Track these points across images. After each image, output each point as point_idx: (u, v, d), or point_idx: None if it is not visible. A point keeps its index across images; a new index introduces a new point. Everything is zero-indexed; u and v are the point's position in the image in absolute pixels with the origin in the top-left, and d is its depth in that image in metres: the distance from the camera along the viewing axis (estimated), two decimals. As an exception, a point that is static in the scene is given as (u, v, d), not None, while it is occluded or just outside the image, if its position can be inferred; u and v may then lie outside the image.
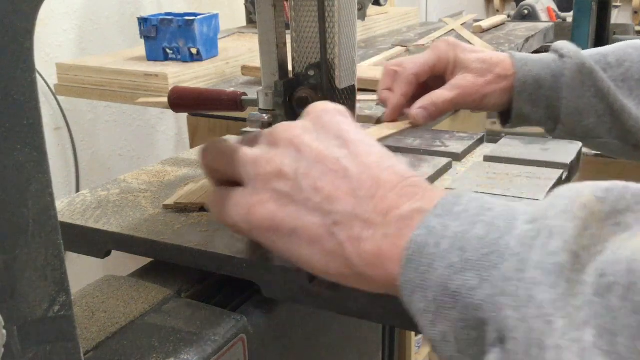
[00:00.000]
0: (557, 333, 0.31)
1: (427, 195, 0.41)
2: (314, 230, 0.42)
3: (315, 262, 0.43)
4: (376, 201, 0.41)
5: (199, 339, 0.46)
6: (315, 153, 0.43)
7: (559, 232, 0.33)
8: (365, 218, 0.41)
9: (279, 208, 0.43)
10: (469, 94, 0.77)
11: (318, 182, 0.42)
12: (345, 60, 0.61)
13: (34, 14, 0.28)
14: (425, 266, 0.37)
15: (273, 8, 0.61)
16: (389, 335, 0.88)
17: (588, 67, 0.75)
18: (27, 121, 0.29)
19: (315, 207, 0.42)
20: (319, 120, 0.46)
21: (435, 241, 0.37)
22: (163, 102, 0.74)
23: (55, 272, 0.31)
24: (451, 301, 0.36)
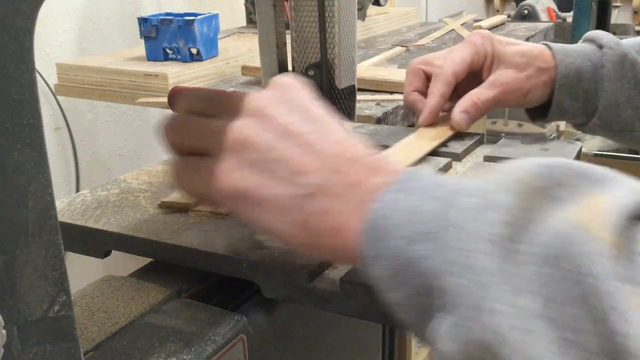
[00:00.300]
0: (498, 298, 0.33)
1: (386, 171, 0.43)
2: (282, 201, 0.43)
3: (283, 232, 0.44)
4: (342, 175, 0.43)
5: (199, 339, 0.46)
6: (284, 126, 0.44)
7: (498, 205, 0.35)
8: (332, 192, 0.42)
9: (248, 176, 0.43)
10: (511, 90, 0.73)
11: (287, 155, 0.43)
12: (345, 60, 0.61)
13: (34, 14, 0.28)
14: (382, 237, 0.40)
15: (273, 8, 0.61)
16: (389, 335, 0.88)
17: (630, 59, 0.72)
18: (27, 121, 0.29)
19: (284, 179, 0.43)
20: (286, 94, 0.46)
21: (391, 214, 0.40)
22: (163, 102, 0.74)
23: (55, 272, 0.31)
24: (405, 270, 0.38)
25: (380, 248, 0.40)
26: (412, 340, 1.46)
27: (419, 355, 1.63)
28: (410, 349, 1.43)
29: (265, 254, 0.51)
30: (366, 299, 0.46)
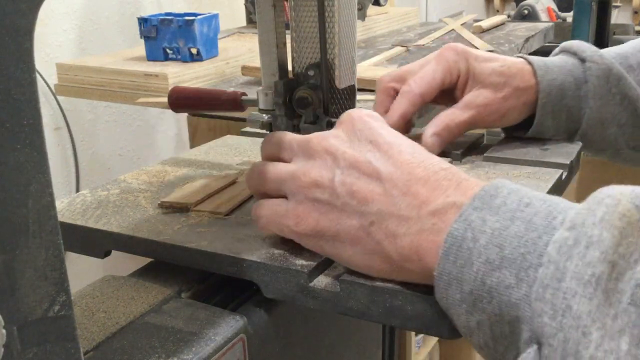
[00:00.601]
0: (592, 344, 0.32)
1: (461, 187, 0.42)
2: (353, 233, 0.45)
3: (359, 262, 0.46)
4: (409, 197, 0.43)
5: (199, 339, 0.46)
6: (349, 159, 0.46)
7: (597, 242, 0.34)
8: (399, 215, 0.43)
9: (320, 216, 0.46)
10: (487, 112, 0.67)
11: (353, 187, 0.45)
12: (345, 60, 0.61)
13: (34, 13, 0.28)
14: (462, 260, 0.39)
15: (273, 8, 0.61)
16: (389, 335, 0.88)
17: (616, 73, 0.67)
18: (27, 121, 0.29)
19: (353, 211, 0.45)
20: (352, 127, 0.48)
21: (473, 235, 0.39)
22: (163, 102, 0.74)
23: (55, 272, 0.31)
24: (487, 296, 0.38)
25: (459, 272, 0.39)
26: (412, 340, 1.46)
27: (419, 355, 1.64)
28: (410, 349, 1.43)
29: (265, 254, 0.51)
30: (366, 299, 0.46)
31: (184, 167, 0.74)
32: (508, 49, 1.48)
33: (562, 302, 0.33)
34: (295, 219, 0.47)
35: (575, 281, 0.33)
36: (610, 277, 0.33)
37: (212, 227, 0.56)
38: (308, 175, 0.47)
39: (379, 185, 0.44)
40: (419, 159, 0.45)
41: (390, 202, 0.43)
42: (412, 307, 0.44)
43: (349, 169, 0.46)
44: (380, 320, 0.46)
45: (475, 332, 0.39)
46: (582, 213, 0.36)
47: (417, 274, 0.43)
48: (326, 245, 0.47)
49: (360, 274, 0.47)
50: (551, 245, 0.35)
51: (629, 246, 0.34)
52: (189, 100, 0.72)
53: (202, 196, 0.62)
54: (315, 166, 0.47)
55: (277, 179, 0.49)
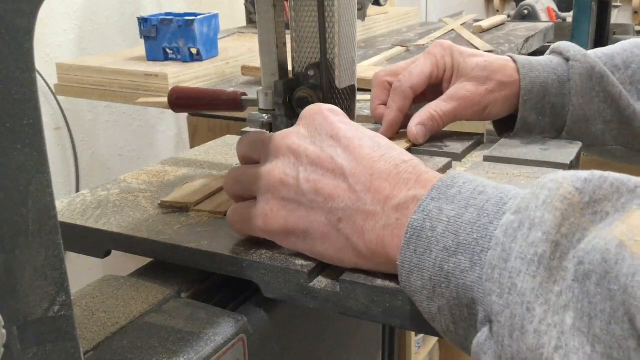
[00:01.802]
0: (536, 319, 0.34)
1: (421, 180, 0.44)
2: (322, 229, 0.46)
3: (331, 256, 0.47)
4: (373, 192, 0.45)
5: (199, 339, 0.46)
6: (312, 156, 0.47)
7: (540, 223, 0.36)
8: (366, 210, 0.44)
9: (289, 213, 0.48)
10: (469, 104, 0.71)
11: (318, 184, 0.46)
12: (345, 60, 0.61)
13: (34, 13, 0.28)
14: (422, 248, 0.41)
15: (273, 8, 0.61)
16: (389, 335, 0.88)
17: (598, 72, 0.70)
18: (27, 121, 0.29)
19: (320, 207, 0.46)
20: (312, 123, 0.49)
21: (431, 225, 0.41)
22: (163, 102, 0.74)
23: (55, 272, 0.31)
24: (445, 281, 0.39)
25: (419, 259, 0.41)
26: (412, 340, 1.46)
27: (419, 355, 1.63)
28: (410, 349, 1.43)
29: (265, 254, 0.51)
30: (366, 299, 0.46)
31: (184, 167, 0.74)
32: (508, 49, 1.48)
33: (508, 281, 0.35)
34: (263, 218, 0.49)
35: (520, 260, 0.35)
36: (554, 256, 0.35)
37: (212, 227, 0.56)
38: (272, 175, 0.48)
39: (344, 182, 0.45)
40: (380, 152, 0.46)
41: (356, 197, 0.45)
42: (412, 307, 0.44)
43: (313, 166, 0.47)
44: (380, 320, 0.46)
45: (437, 318, 0.41)
46: (527, 197, 0.37)
47: (385, 265, 0.45)
48: (298, 242, 0.48)
49: (360, 274, 0.47)
50: (499, 229, 0.37)
51: (571, 227, 0.36)
52: (189, 100, 0.72)
53: (202, 196, 0.62)
54: (279, 165, 0.48)
55: (247, 181, 0.51)
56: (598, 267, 0.33)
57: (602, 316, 0.33)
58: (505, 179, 0.63)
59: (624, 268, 0.32)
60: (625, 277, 0.32)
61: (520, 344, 0.34)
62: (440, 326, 0.41)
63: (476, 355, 0.38)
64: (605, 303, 0.33)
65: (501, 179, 0.63)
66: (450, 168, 0.70)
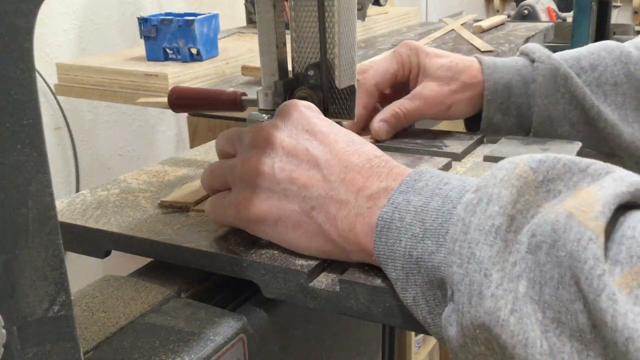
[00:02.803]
0: (493, 284, 0.35)
1: (392, 174, 0.46)
2: (295, 217, 0.48)
3: (301, 244, 0.48)
4: (346, 183, 0.46)
5: (199, 339, 0.46)
6: (287, 147, 0.49)
7: (497, 198, 0.38)
8: (338, 199, 0.46)
9: (262, 202, 0.49)
10: (433, 103, 0.73)
11: (293, 174, 0.48)
12: (345, 60, 0.61)
13: (34, 13, 0.28)
14: (392, 239, 0.42)
15: (273, 8, 0.61)
16: (389, 335, 0.88)
17: (563, 73, 0.71)
18: (27, 121, 0.29)
19: (293, 196, 0.48)
20: (289, 118, 0.51)
21: (400, 216, 0.42)
22: (163, 102, 0.74)
23: (55, 272, 0.31)
24: (416, 267, 0.41)
25: (390, 250, 0.42)
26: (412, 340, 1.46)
27: (419, 355, 1.63)
28: (410, 349, 1.43)
29: (265, 254, 0.51)
30: (366, 299, 0.46)
31: (184, 167, 0.74)
32: (508, 49, 1.48)
33: (467, 251, 0.37)
34: (237, 206, 0.50)
35: (478, 232, 0.37)
36: (509, 229, 0.37)
37: (212, 227, 0.56)
38: (247, 165, 0.49)
39: (318, 172, 0.47)
40: (354, 147, 0.48)
41: (330, 187, 0.46)
42: (412, 307, 0.44)
43: (288, 157, 0.48)
44: (380, 320, 0.46)
45: (415, 307, 0.42)
46: (486, 177, 0.39)
47: (355, 254, 0.46)
48: (269, 230, 0.49)
49: (360, 274, 0.47)
50: (459, 206, 0.39)
51: (526, 203, 0.38)
52: (189, 100, 0.72)
53: (201, 196, 0.62)
54: (254, 155, 0.49)
55: (221, 173, 0.52)
56: (548, 237, 0.35)
57: (551, 283, 0.34)
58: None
59: (570, 235, 0.34)
60: (572, 243, 0.34)
61: (478, 308, 0.35)
62: (420, 316, 0.42)
63: (445, 330, 0.39)
64: (554, 270, 0.34)
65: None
66: (451, 168, 0.70)
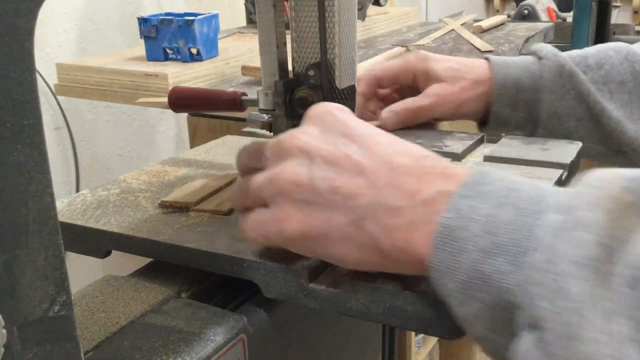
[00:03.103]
0: (591, 326, 0.32)
1: (446, 175, 0.42)
2: (343, 230, 0.43)
3: (351, 258, 0.44)
4: (396, 187, 0.42)
5: (199, 339, 0.46)
6: (326, 155, 0.44)
7: (589, 225, 0.34)
8: (390, 206, 0.42)
9: (305, 217, 0.44)
10: (444, 101, 0.74)
11: (335, 183, 0.43)
12: (345, 60, 0.61)
13: (34, 13, 0.28)
14: (456, 249, 0.38)
15: (273, 8, 0.61)
16: (389, 335, 0.88)
17: (568, 70, 0.73)
18: (27, 121, 0.29)
19: (339, 207, 0.43)
20: (322, 122, 0.46)
21: (464, 224, 0.39)
22: (163, 102, 0.74)
23: (55, 272, 0.31)
24: (482, 284, 0.37)
25: (453, 261, 0.39)
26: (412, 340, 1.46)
27: (419, 355, 1.63)
28: (410, 349, 1.43)
29: (265, 254, 0.51)
30: (366, 299, 0.46)
31: (184, 167, 0.74)
32: (508, 49, 1.48)
33: (556, 285, 0.33)
34: (277, 224, 0.45)
35: (570, 264, 0.33)
36: (605, 260, 0.33)
37: (212, 227, 0.56)
38: (283, 177, 0.45)
39: (363, 178, 0.43)
40: (398, 147, 0.44)
41: (379, 193, 0.42)
42: (412, 307, 0.44)
43: (327, 165, 0.44)
44: (380, 320, 0.46)
45: (473, 323, 0.39)
46: (573, 195, 0.36)
47: (410, 266, 0.42)
48: (315, 247, 0.45)
49: (360, 274, 0.47)
50: (544, 229, 0.36)
51: (622, 229, 0.34)
52: (189, 100, 0.72)
53: (202, 196, 0.62)
54: (289, 166, 0.45)
55: (255, 189, 0.47)
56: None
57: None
58: (505, 179, 0.63)
59: None
60: None
61: (576, 354, 0.32)
62: (476, 331, 0.39)
63: None
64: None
65: (501, 179, 0.63)
66: (450, 168, 0.70)
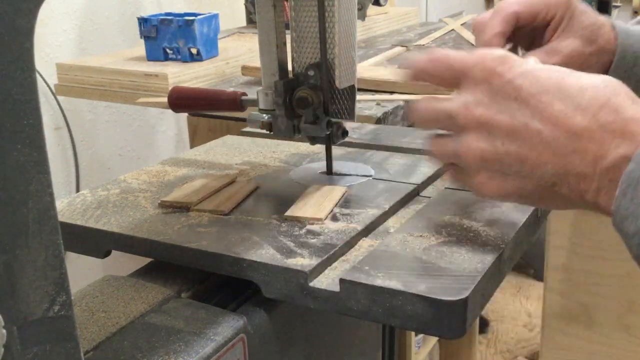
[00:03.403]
0: None
1: (627, 133, 0.42)
2: (537, 194, 0.47)
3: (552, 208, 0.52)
4: (580, 154, 0.43)
5: (199, 339, 0.46)
6: (504, 127, 0.46)
7: None
8: (577, 172, 0.44)
9: (499, 184, 0.48)
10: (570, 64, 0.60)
11: (520, 155, 0.45)
12: (345, 60, 0.61)
13: (34, 13, 0.28)
14: (637, 197, 0.40)
15: (273, 8, 0.61)
16: (389, 335, 0.88)
17: None
18: (27, 121, 0.29)
19: (529, 177, 0.46)
20: (490, 87, 0.47)
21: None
22: (163, 102, 0.74)
23: (55, 272, 0.31)
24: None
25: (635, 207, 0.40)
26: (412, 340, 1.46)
27: (419, 355, 1.63)
28: (410, 349, 1.43)
29: (265, 254, 0.51)
30: (366, 299, 0.46)
31: (184, 167, 0.74)
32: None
33: None
34: (477, 189, 0.49)
35: None
36: None
37: (212, 227, 0.56)
38: (468, 155, 0.48)
39: (546, 147, 0.44)
40: (573, 103, 0.44)
41: (564, 162, 0.44)
42: (412, 307, 0.44)
43: (508, 138, 0.46)
44: (380, 320, 0.46)
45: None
46: None
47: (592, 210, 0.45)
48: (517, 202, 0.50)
49: (360, 274, 0.47)
50: None
51: None
52: (189, 100, 0.72)
53: (202, 196, 0.62)
54: (471, 142, 0.47)
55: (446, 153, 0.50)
56: None
57: None
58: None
59: None
60: None
61: None
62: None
63: None
64: None
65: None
66: (450, 168, 0.70)
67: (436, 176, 0.67)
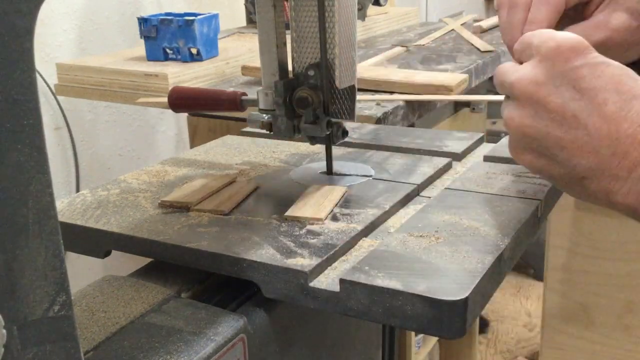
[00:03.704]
0: None
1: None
2: (565, 181, 0.49)
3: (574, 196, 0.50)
4: (618, 157, 0.45)
5: (199, 339, 0.46)
6: (554, 109, 0.47)
7: None
8: (611, 173, 0.45)
9: (534, 159, 0.50)
10: (615, 41, 0.58)
11: (561, 141, 0.47)
12: (345, 60, 0.61)
13: (34, 13, 0.28)
14: None
15: (273, 8, 0.61)
16: (389, 335, 0.88)
17: None
18: (27, 121, 0.29)
19: (562, 163, 0.48)
20: (552, 68, 0.48)
21: None
22: (163, 102, 0.74)
23: (55, 272, 0.31)
24: None
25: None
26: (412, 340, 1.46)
27: (419, 355, 1.63)
28: (410, 349, 1.43)
29: (265, 254, 0.51)
30: (366, 299, 0.46)
31: (184, 167, 0.74)
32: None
33: None
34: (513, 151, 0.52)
35: None
36: None
37: (212, 227, 0.56)
38: (512, 125, 0.50)
39: (588, 142, 0.46)
40: (625, 108, 0.45)
41: (601, 160, 0.45)
42: (412, 307, 0.44)
43: (554, 121, 0.47)
44: (380, 320, 0.46)
45: None
46: None
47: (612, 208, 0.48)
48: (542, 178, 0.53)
49: (360, 274, 0.47)
50: None
51: None
52: (189, 100, 0.72)
53: (202, 196, 0.62)
54: (519, 116, 0.49)
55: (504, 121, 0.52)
56: None
57: None
58: (505, 179, 0.63)
59: None
60: None
61: None
62: None
63: None
64: None
65: (501, 179, 0.63)
66: (451, 168, 0.70)
67: (436, 176, 0.67)
